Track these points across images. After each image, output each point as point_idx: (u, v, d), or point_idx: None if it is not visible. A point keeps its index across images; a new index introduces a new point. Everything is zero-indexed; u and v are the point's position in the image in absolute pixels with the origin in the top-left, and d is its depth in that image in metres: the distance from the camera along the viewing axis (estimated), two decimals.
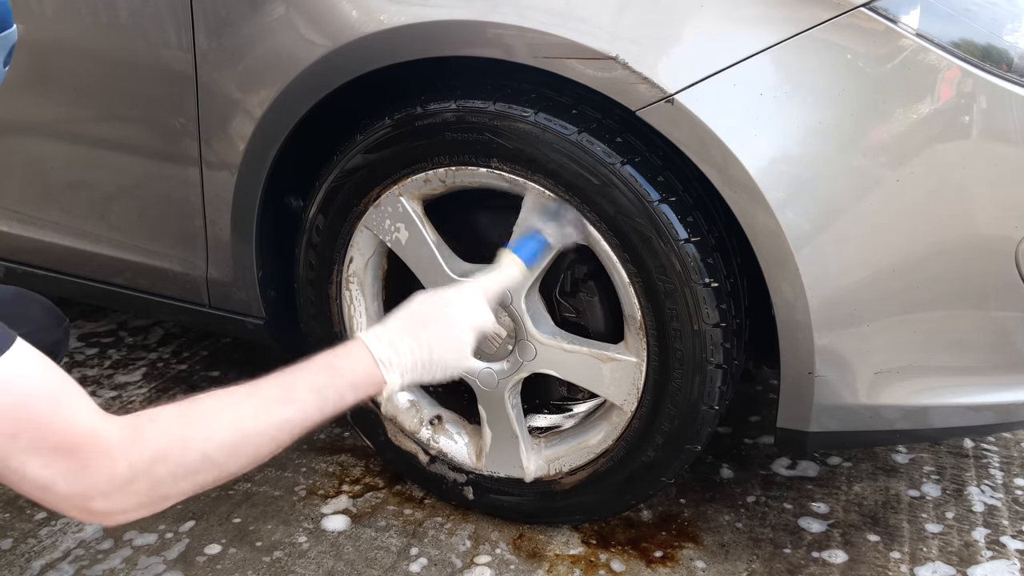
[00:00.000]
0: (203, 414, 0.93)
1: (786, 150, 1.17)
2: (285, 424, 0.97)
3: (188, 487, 0.91)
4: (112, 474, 0.85)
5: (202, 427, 0.91)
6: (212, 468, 0.91)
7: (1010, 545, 1.53)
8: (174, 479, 0.89)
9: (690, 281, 1.26)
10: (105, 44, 1.59)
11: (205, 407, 0.94)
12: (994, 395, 1.28)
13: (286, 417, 0.97)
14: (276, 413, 0.96)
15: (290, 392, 0.99)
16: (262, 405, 0.96)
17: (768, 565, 1.48)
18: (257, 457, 0.95)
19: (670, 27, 1.19)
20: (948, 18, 1.14)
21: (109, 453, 0.85)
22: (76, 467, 0.84)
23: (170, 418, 0.91)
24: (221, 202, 1.54)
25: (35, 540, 1.53)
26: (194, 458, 0.90)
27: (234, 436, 0.93)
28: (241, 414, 0.94)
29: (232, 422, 0.93)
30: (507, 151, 1.31)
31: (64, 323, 1.30)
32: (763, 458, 1.78)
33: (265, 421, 0.95)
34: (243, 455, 0.94)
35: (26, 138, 1.75)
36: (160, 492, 0.89)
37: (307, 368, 1.03)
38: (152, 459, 0.87)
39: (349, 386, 1.05)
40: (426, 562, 1.49)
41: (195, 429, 0.91)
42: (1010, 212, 1.17)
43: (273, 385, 0.99)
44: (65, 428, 0.84)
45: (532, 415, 1.54)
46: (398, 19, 1.28)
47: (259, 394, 0.97)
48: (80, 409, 0.86)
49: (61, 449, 0.83)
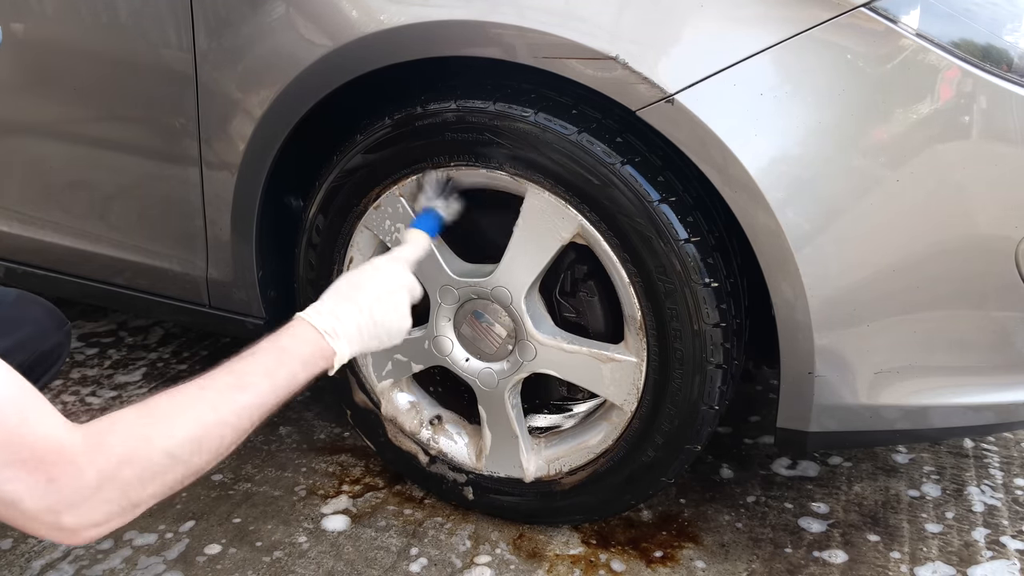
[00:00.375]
0: (162, 414, 0.92)
1: (786, 150, 1.17)
2: (243, 411, 0.97)
3: (157, 489, 0.90)
4: (80, 484, 0.84)
5: (163, 426, 0.91)
6: (178, 466, 0.91)
7: (1010, 545, 1.53)
8: (142, 482, 0.88)
9: (690, 281, 1.26)
10: (105, 44, 1.59)
11: (162, 406, 0.93)
12: (994, 395, 1.28)
13: (243, 404, 0.97)
14: (233, 401, 0.97)
15: (242, 378, 0.99)
16: (217, 396, 0.96)
17: (768, 565, 1.48)
18: (221, 449, 0.95)
19: (670, 27, 1.19)
20: (948, 18, 1.14)
21: (75, 462, 0.84)
22: (43, 480, 0.82)
23: (130, 421, 0.90)
24: (221, 202, 1.54)
25: (35, 540, 1.53)
26: (160, 458, 0.89)
27: (196, 430, 0.92)
28: (199, 408, 0.94)
29: (192, 417, 0.93)
30: (507, 151, 1.31)
31: (66, 326, 1.30)
32: (763, 458, 1.78)
33: (224, 411, 0.95)
34: (207, 449, 0.93)
35: (26, 138, 1.75)
36: (130, 498, 0.88)
37: (255, 353, 1.04)
38: (119, 463, 0.86)
39: (300, 364, 1.06)
40: (426, 562, 1.49)
41: (157, 429, 0.90)
42: (1010, 212, 1.17)
43: (224, 375, 1.00)
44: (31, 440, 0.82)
45: (532, 415, 1.54)
46: (398, 19, 1.28)
47: (212, 386, 0.97)
48: (46, 419, 0.84)
49: (27, 463, 0.81)
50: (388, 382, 1.58)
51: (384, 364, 1.57)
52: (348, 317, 1.13)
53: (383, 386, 1.58)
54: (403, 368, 1.56)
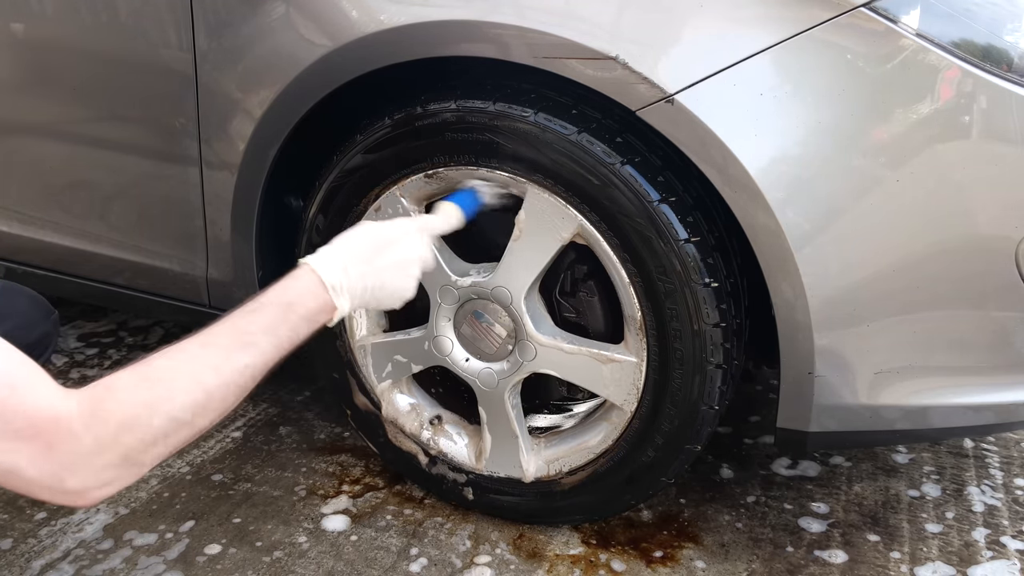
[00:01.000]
0: (161, 376, 0.90)
1: (786, 150, 1.17)
2: (246, 370, 0.95)
3: (162, 450, 0.89)
4: (78, 450, 0.84)
5: (163, 390, 0.89)
6: (182, 428, 0.90)
7: (1010, 545, 1.53)
8: (144, 445, 0.87)
9: (690, 281, 1.26)
10: (105, 44, 1.59)
11: (161, 368, 0.91)
12: (994, 395, 1.28)
13: (246, 363, 0.95)
14: (235, 361, 0.94)
15: (245, 336, 0.97)
16: (219, 356, 0.94)
17: (768, 565, 1.48)
18: (224, 407, 0.94)
19: (670, 27, 1.19)
20: (948, 18, 1.14)
21: (71, 430, 0.83)
22: (40, 448, 0.82)
23: (129, 385, 0.89)
24: (221, 202, 1.54)
25: (35, 540, 1.53)
26: (161, 422, 0.88)
27: (197, 393, 0.91)
28: (200, 369, 0.92)
29: (193, 379, 0.91)
30: (507, 151, 1.31)
31: (52, 315, 1.29)
32: (763, 458, 1.78)
33: (227, 371, 0.93)
34: (211, 409, 0.92)
35: (26, 138, 1.75)
36: (133, 460, 0.87)
37: (257, 309, 1.01)
38: (117, 430, 0.85)
39: (302, 319, 1.03)
40: (426, 562, 1.49)
41: (156, 393, 0.89)
42: (1010, 212, 1.17)
43: (226, 333, 0.97)
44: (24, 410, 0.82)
45: (532, 415, 1.54)
46: (398, 19, 1.28)
47: (214, 344, 0.95)
48: (38, 389, 0.84)
49: (23, 432, 0.82)
50: (388, 383, 1.58)
51: (384, 365, 1.57)
52: (357, 276, 1.10)
53: (383, 387, 1.58)
54: (403, 369, 1.56)
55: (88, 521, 1.58)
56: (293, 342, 1.02)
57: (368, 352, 1.57)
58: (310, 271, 1.07)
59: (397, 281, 1.16)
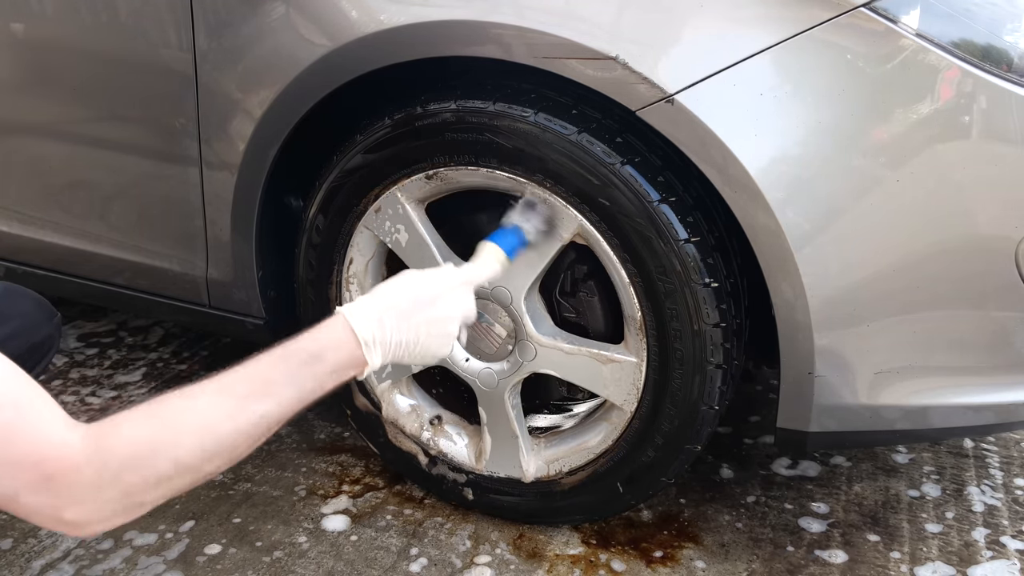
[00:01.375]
0: (172, 419, 0.88)
1: (786, 150, 1.17)
2: (262, 421, 0.92)
3: (164, 492, 0.87)
4: (78, 483, 0.82)
5: (171, 433, 0.87)
6: (186, 472, 0.87)
7: (1010, 545, 1.53)
8: (146, 486, 0.85)
9: (690, 281, 1.26)
10: (105, 44, 1.59)
11: (173, 410, 0.89)
12: (994, 395, 1.28)
13: (263, 413, 0.92)
14: (252, 410, 0.91)
15: (267, 386, 0.94)
16: (237, 404, 0.91)
17: (768, 565, 1.48)
18: (234, 456, 0.91)
19: (670, 27, 1.19)
20: (948, 18, 1.14)
21: (73, 462, 0.82)
22: (39, 477, 0.81)
23: (136, 424, 0.87)
24: (221, 202, 1.54)
25: (35, 540, 1.53)
26: (166, 466, 0.86)
27: (206, 439, 0.88)
28: (214, 415, 0.89)
29: (204, 425, 0.88)
30: (507, 151, 1.31)
31: (55, 318, 1.29)
32: (763, 458, 1.78)
33: (242, 420, 0.90)
34: (218, 456, 0.89)
35: (26, 138, 1.75)
36: (134, 500, 0.85)
37: (284, 357, 0.97)
38: (120, 468, 0.83)
39: (329, 373, 0.99)
40: (426, 562, 1.49)
41: (164, 435, 0.86)
42: (1010, 212, 1.17)
43: (247, 379, 0.94)
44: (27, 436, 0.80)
45: (532, 415, 1.54)
46: (398, 19, 1.28)
47: (232, 391, 0.92)
48: (43, 415, 0.83)
49: (24, 462, 0.80)
50: (388, 383, 1.58)
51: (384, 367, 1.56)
52: (392, 330, 1.05)
53: (383, 388, 1.58)
54: (403, 369, 1.56)
55: None
56: (316, 394, 0.98)
57: None
58: (344, 321, 1.03)
59: (434, 339, 1.10)
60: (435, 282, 1.15)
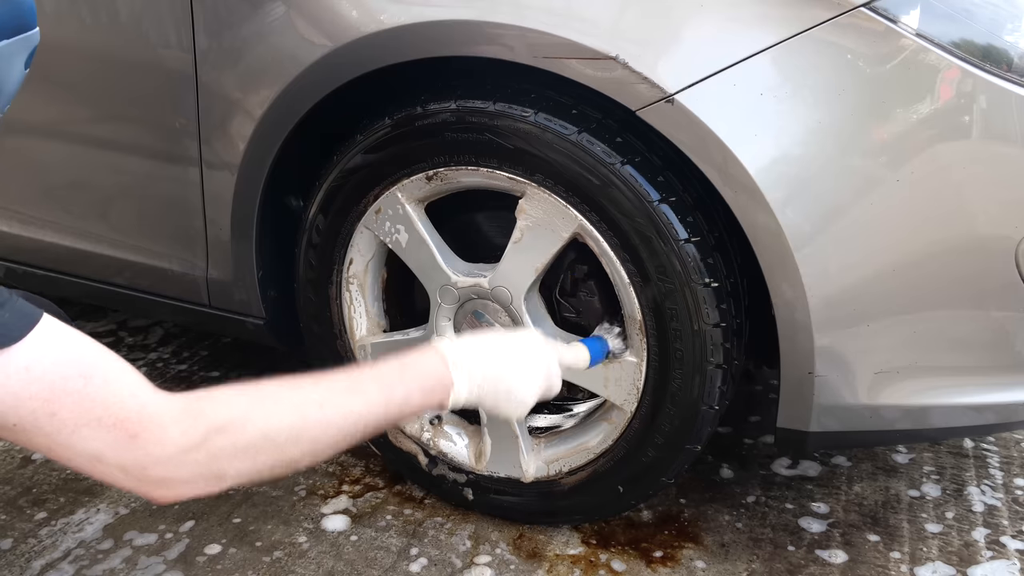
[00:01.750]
0: (265, 395, 0.92)
1: (786, 150, 1.17)
2: (350, 415, 0.95)
3: (247, 467, 0.89)
4: (164, 441, 0.85)
5: (263, 407, 0.90)
6: (272, 449, 0.90)
7: (1010, 545, 1.53)
8: (232, 454, 0.88)
9: (690, 281, 1.26)
10: (105, 44, 1.59)
11: (267, 388, 0.93)
12: (995, 395, 1.28)
13: (351, 407, 0.95)
14: (341, 402, 0.95)
15: (357, 384, 0.98)
16: (327, 393, 0.95)
17: (768, 565, 1.48)
18: (318, 447, 0.93)
19: (670, 27, 1.19)
20: (948, 18, 1.14)
21: (159, 421, 0.85)
22: (123, 436, 0.83)
23: (229, 395, 0.90)
24: (221, 202, 1.54)
25: (35, 540, 1.53)
26: (253, 435, 0.88)
27: (295, 419, 0.91)
28: (305, 399, 0.93)
29: (295, 406, 0.92)
30: (507, 151, 1.31)
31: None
32: (763, 458, 1.78)
33: (331, 409, 0.94)
34: (304, 441, 0.92)
35: (26, 138, 1.75)
36: (217, 467, 0.87)
37: (377, 365, 1.03)
38: (208, 430, 0.86)
39: (417, 387, 1.03)
40: (426, 562, 1.49)
41: (256, 407, 0.90)
42: (1010, 212, 1.17)
43: (340, 377, 0.99)
44: (105, 400, 0.83)
45: (532, 415, 1.54)
46: (398, 19, 1.28)
47: (324, 383, 0.96)
48: (121, 382, 0.85)
49: (105, 421, 0.83)
50: None
51: None
52: (480, 362, 1.09)
53: None
54: None
55: (88, 521, 1.58)
56: (403, 408, 1.01)
57: (368, 352, 1.57)
58: (435, 349, 1.08)
59: (518, 382, 1.12)
60: (526, 339, 1.18)
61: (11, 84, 0.90)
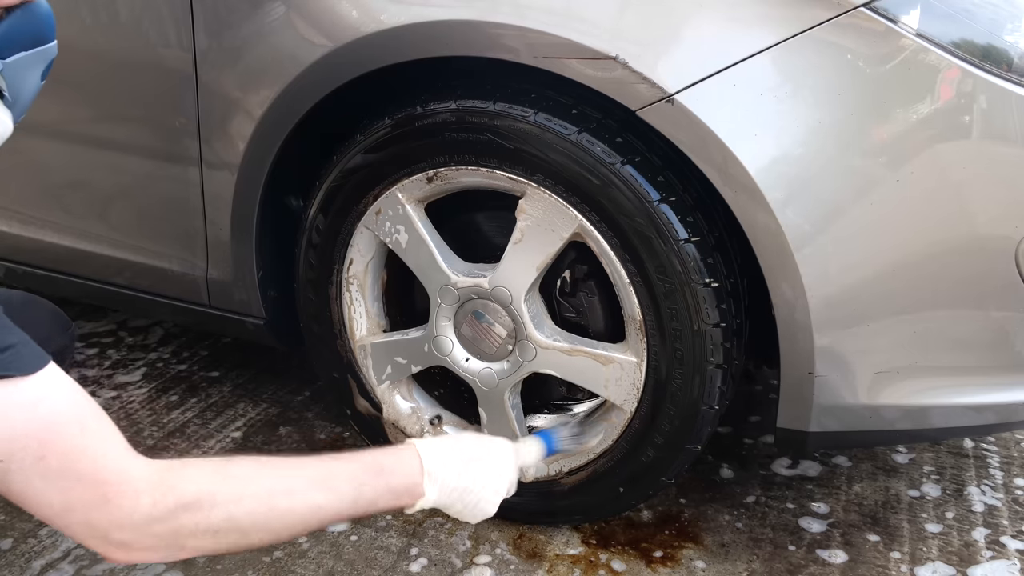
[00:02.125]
0: (238, 476, 0.93)
1: (786, 150, 1.17)
2: (317, 511, 0.97)
3: (207, 545, 0.91)
4: (134, 509, 0.85)
5: (235, 488, 0.92)
6: (234, 533, 0.91)
7: (1010, 545, 1.53)
8: (194, 533, 0.89)
9: (690, 281, 1.26)
10: (105, 44, 1.59)
11: (242, 469, 0.94)
12: (995, 395, 1.28)
13: (319, 503, 0.97)
14: (310, 496, 0.96)
15: (329, 479, 0.99)
16: (298, 484, 0.96)
17: (768, 565, 1.48)
18: (279, 535, 0.95)
19: (670, 27, 1.19)
20: (948, 18, 1.14)
21: (135, 488, 0.86)
22: (98, 498, 0.84)
23: (203, 471, 0.92)
24: (221, 202, 1.54)
25: (35, 540, 1.53)
26: (219, 519, 0.89)
27: (263, 509, 0.92)
28: (276, 487, 0.95)
29: (265, 492, 0.93)
30: (507, 151, 1.31)
31: (71, 329, 1.31)
32: (763, 458, 1.78)
33: (298, 501, 0.95)
34: (267, 530, 0.94)
35: (26, 138, 1.74)
36: (178, 541, 0.89)
37: (353, 460, 1.04)
38: (177, 505, 0.87)
39: (388, 490, 1.04)
40: (426, 562, 1.49)
41: (227, 487, 0.91)
42: (1010, 212, 1.17)
43: (315, 467, 1.00)
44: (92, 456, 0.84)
45: (532, 415, 1.54)
46: (398, 19, 1.28)
47: (298, 472, 0.98)
48: (109, 442, 0.87)
49: (85, 478, 0.84)
50: (388, 384, 1.58)
51: (384, 365, 1.57)
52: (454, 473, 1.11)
53: (384, 389, 1.58)
54: (403, 369, 1.56)
55: None
56: (369, 508, 1.03)
57: (368, 352, 1.57)
58: (415, 451, 1.09)
59: (485, 492, 1.15)
60: (495, 446, 1.21)
61: (27, 95, 0.92)
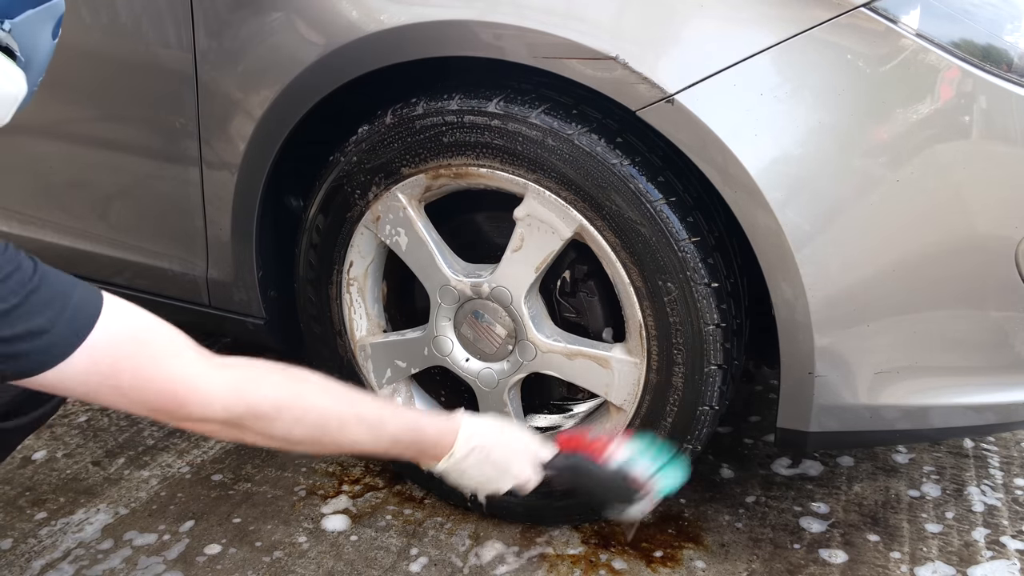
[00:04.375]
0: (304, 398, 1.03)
1: (786, 150, 1.17)
2: (355, 444, 1.09)
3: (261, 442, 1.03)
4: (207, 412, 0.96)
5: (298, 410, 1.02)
6: (285, 442, 1.03)
7: (1010, 545, 1.53)
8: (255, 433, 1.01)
9: (690, 281, 1.26)
10: (105, 44, 1.59)
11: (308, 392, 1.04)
12: (994, 395, 1.28)
13: (361, 441, 1.09)
14: (356, 434, 1.07)
15: (377, 427, 1.09)
16: (350, 419, 1.07)
17: (768, 565, 1.48)
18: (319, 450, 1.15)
19: (670, 27, 1.19)
20: (948, 18, 1.14)
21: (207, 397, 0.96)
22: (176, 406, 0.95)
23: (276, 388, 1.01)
24: (221, 202, 1.54)
25: (35, 540, 1.53)
26: (280, 430, 1.01)
27: (316, 431, 1.04)
28: (331, 417, 1.05)
29: (322, 419, 1.04)
30: (507, 151, 1.31)
31: None
32: (763, 458, 1.78)
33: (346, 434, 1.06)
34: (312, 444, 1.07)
35: (26, 138, 1.75)
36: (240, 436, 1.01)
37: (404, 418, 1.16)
38: (245, 413, 0.98)
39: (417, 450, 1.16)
40: (426, 562, 1.49)
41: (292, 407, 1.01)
42: (1010, 212, 1.17)
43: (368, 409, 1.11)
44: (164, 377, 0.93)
45: (532, 415, 1.54)
46: (398, 19, 1.28)
47: (353, 409, 1.08)
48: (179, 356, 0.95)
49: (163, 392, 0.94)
50: (387, 384, 1.58)
51: (384, 366, 1.57)
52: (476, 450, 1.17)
53: (385, 392, 1.58)
54: (403, 369, 1.56)
55: (88, 521, 1.58)
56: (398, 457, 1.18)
57: (369, 353, 1.57)
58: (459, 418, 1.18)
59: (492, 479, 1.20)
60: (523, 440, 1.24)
61: (41, 54, 0.94)
